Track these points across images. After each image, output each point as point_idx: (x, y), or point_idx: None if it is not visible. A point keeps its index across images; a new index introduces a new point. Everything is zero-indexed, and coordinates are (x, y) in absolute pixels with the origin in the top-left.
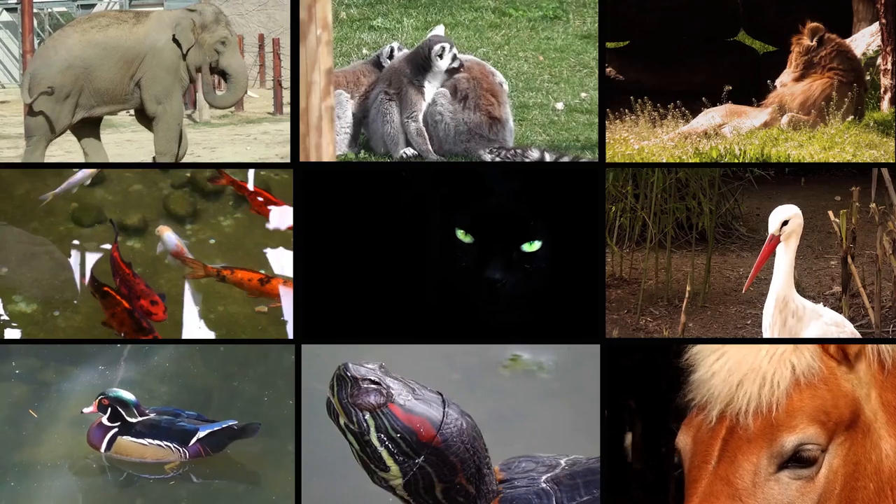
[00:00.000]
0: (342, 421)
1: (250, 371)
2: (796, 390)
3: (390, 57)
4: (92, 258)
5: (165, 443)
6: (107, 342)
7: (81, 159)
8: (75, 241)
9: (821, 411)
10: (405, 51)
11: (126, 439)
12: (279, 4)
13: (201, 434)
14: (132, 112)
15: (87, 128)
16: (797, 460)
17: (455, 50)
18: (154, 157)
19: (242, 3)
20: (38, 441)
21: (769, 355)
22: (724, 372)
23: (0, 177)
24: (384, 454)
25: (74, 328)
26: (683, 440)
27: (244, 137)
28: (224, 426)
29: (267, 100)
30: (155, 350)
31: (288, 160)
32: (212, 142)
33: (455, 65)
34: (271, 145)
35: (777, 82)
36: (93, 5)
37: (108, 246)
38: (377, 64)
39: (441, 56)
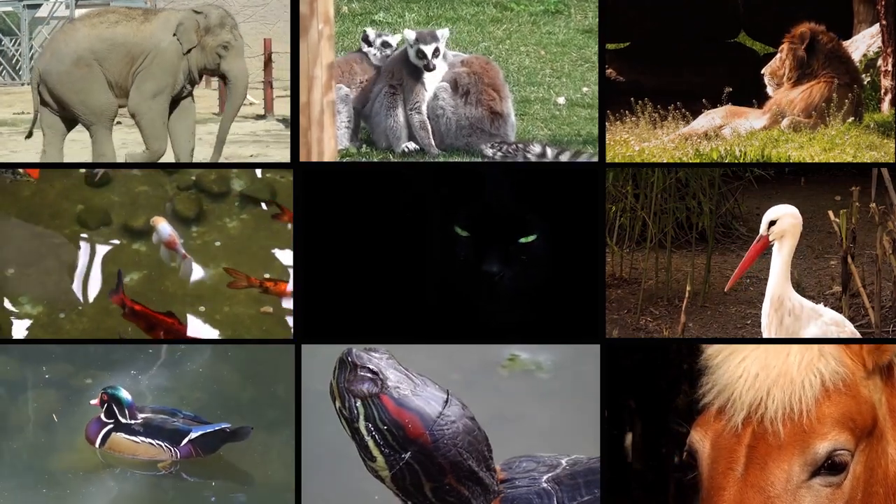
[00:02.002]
0: (337, 405)
1: (285, 375)
2: (824, 397)
3: (367, 42)
4: (102, 249)
5: (157, 441)
6: (111, 342)
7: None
8: (83, 235)
9: (848, 418)
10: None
11: (120, 436)
12: (226, 5)
13: (193, 435)
14: None
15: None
16: (829, 467)
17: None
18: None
19: (189, 5)
20: (71, 447)
21: (797, 361)
22: (750, 377)
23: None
24: (370, 444)
25: (80, 330)
26: (700, 443)
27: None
28: (216, 429)
29: (212, 99)
30: (188, 356)
31: (232, 162)
32: None
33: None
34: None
35: (766, 71)
36: (39, 5)
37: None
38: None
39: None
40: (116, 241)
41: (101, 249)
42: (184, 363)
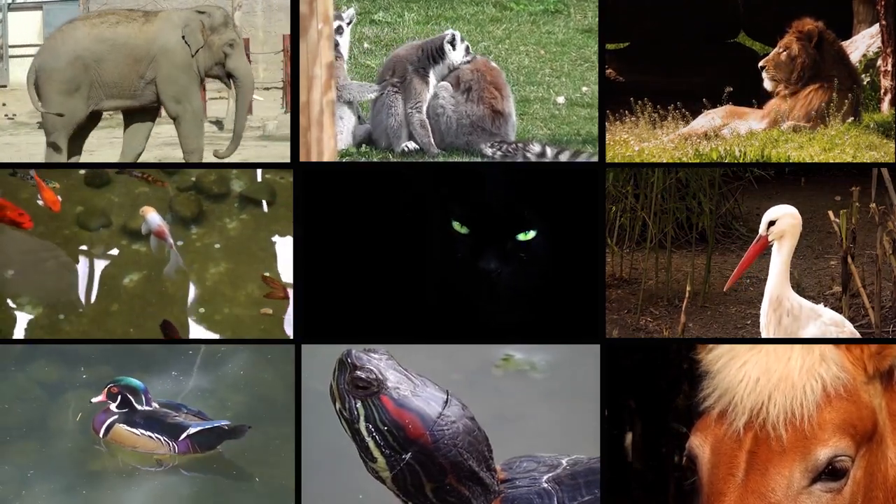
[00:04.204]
0: (337, 406)
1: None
2: (825, 402)
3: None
4: (100, 264)
5: (156, 435)
6: (113, 342)
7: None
8: (83, 247)
9: (849, 424)
10: (414, 41)
11: (122, 427)
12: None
13: (191, 431)
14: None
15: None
16: (829, 473)
17: (467, 42)
18: (183, 158)
19: (122, 6)
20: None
21: (798, 366)
22: (751, 381)
23: (6, 180)
24: (371, 444)
25: (80, 332)
26: (700, 447)
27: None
28: (214, 426)
29: None
30: (227, 357)
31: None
32: (91, 145)
33: (468, 58)
34: (150, 148)
35: (767, 65)
36: None
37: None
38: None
39: (453, 45)
40: (115, 252)
41: (100, 264)
42: (224, 365)
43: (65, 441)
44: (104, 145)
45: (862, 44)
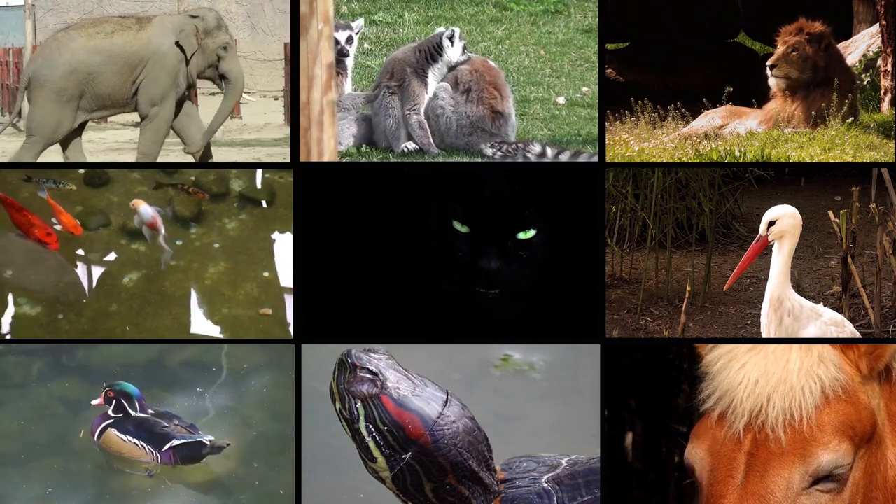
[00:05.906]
0: (337, 406)
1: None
2: (824, 404)
3: (451, 42)
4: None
5: (142, 443)
6: (111, 342)
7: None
8: (80, 252)
9: (847, 425)
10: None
11: (112, 432)
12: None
13: (174, 443)
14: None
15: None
16: (829, 475)
17: (464, 41)
18: (136, 159)
19: (67, 13)
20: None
21: (797, 368)
22: (749, 383)
23: (6, 179)
24: (371, 444)
25: (79, 331)
26: (698, 453)
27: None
28: (195, 440)
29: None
30: (251, 375)
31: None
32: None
33: (464, 58)
34: (95, 153)
35: (776, 62)
36: None
37: (112, 257)
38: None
39: (451, 40)
40: (112, 257)
41: (97, 271)
42: (247, 382)
43: (85, 459)
44: (51, 152)
45: (862, 44)
